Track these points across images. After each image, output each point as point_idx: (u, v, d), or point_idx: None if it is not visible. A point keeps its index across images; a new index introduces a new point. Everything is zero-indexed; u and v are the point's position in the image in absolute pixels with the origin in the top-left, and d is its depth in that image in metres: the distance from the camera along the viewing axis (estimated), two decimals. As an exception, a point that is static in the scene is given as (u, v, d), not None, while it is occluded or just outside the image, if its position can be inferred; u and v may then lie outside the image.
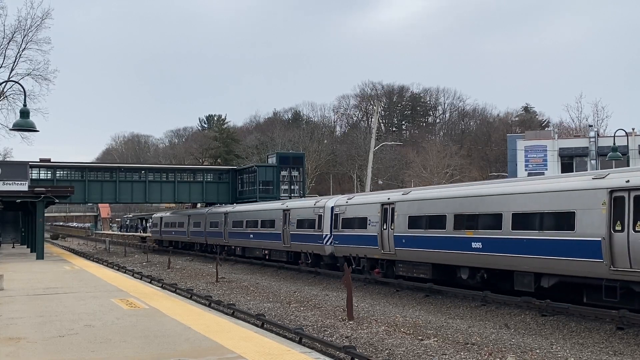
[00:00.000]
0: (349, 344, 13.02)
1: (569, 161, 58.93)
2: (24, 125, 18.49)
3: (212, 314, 14.49)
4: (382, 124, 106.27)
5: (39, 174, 53.74)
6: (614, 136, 34.20)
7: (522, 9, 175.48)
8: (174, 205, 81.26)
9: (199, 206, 64.74)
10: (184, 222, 56.36)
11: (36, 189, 39.92)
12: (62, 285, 21.06)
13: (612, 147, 31.26)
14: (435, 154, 78.64)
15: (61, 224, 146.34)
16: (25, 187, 39.69)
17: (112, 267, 35.16)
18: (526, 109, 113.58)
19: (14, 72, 52.29)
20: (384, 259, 25.69)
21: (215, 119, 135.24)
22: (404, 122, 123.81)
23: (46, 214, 49.91)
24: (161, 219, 65.06)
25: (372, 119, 73.07)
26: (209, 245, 50.67)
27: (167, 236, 62.67)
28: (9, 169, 40.62)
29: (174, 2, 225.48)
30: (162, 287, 24.28)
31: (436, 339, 14.26)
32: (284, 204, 37.56)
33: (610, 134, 52.21)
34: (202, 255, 50.15)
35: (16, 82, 33.83)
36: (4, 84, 43.67)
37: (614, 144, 31.76)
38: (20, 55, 52.42)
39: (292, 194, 57.65)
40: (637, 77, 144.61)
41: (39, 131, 19.57)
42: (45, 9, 76.11)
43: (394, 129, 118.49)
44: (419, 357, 12.49)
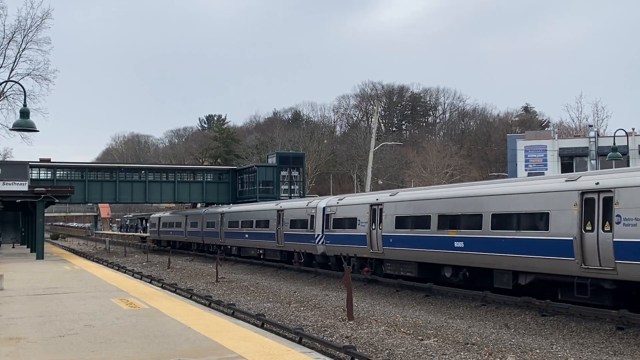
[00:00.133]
0: (349, 344, 13.02)
1: (569, 161, 58.91)
2: (24, 125, 18.50)
3: (212, 314, 14.49)
4: (382, 124, 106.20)
5: (39, 174, 53.75)
6: (614, 136, 34.21)
7: (522, 9, 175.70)
8: (174, 205, 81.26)
9: (199, 206, 64.78)
10: (182, 222, 56.70)
11: (36, 189, 39.92)
12: (62, 285, 21.06)
13: (612, 147, 31.26)
14: (435, 154, 78.64)
15: (61, 224, 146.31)
16: (25, 187, 39.69)
17: (112, 267, 35.16)
18: (526, 109, 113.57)
19: (14, 72, 52.36)
20: (373, 258, 26.42)
21: (215, 119, 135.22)
22: (404, 122, 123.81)
23: (46, 214, 49.93)
24: (159, 219, 65.39)
25: (372, 119, 73.08)
26: (205, 245, 51.18)
27: (165, 236, 63.06)
28: (9, 169, 40.62)
29: (174, 2, 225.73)
30: (162, 287, 24.28)
31: (436, 339, 14.26)
32: (277, 204, 38.25)
33: (610, 134, 52.22)
34: (202, 255, 50.19)
35: (16, 82, 33.88)
36: (4, 84, 43.69)
37: (614, 144, 31.77)
38: (20, 55, 52.49)
39: (292, 194, 57.63)
40: (637, 77, 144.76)
41: (39, 131, 19.59)
42: (45, 9, 76.18)
43: (394, 129, 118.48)
44: (419, 357, 12.49)
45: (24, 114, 18.58)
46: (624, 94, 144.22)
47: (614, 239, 15.56)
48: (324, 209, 30.85)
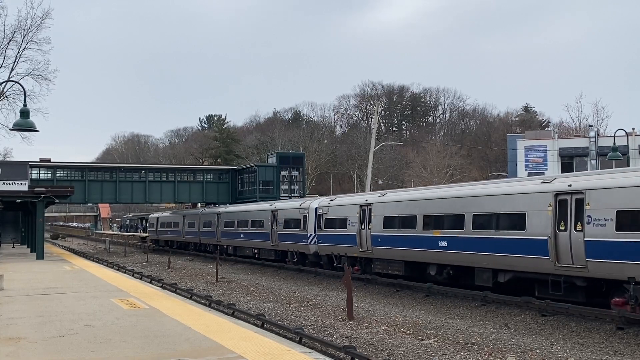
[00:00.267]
0: (349, 344, 13.02)
1: (569, 161, 58.89)
2: (24, 125, 18.49)
3: (212, 314, 14.49)
4: (382, 124, 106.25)
5: (39, 174, 53.80)
6: (614, 136, 34.20)
7: (522, 9, 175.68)
8: (174, 205, 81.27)
9: (199, 206, 64.81)
10: (179, 222, 57.13)
11: (36, 189, 39.93)
12: (62, 285, 21.06)
13: (612, 147, 31.25)
14: (435, 154, 78.64)
15: (61, 224, 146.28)
16: (25, 187, 39.70)
17: (112, 267, 35.16)
18: (526, 109, 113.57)
19: (14, 72, 52.38)
20: (362, 257, 27.26)
21: (215, 119, 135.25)
22: (404, 122, 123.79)
23: (46, 214, 49.91)
24: (157, 219, 65.86)
25: (372, 119, 73.09)
26: (203, 244, 51.75)
27: (163, 236, 63.54)
28: (9, 169, 40.62)
29: (174, 2, 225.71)
30: (162, 287, 24.28)
31: (436, 339, 14.25)
32: (272, 204, 38.97)
33: (610, 134, 52.19)
34: (201, 255, 50.26)
35: (16, 82, 33.86)
36: (4, 84, 43.69)
37: (614, 144, 31.76)
38: (20, 55, 52.50)
39: (292, 194, 57.62)
40: (637, 77, 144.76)
41: (39, 131, 19.59)
42: (45, 9, 76.18)
43: (394, 129, 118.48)
44: (419, 357, 12.49)
45: (24, 114, 18.58)
46: (624, 94, 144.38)
47: (585, 239, 16.23)
48: (316, 209, 31.51)
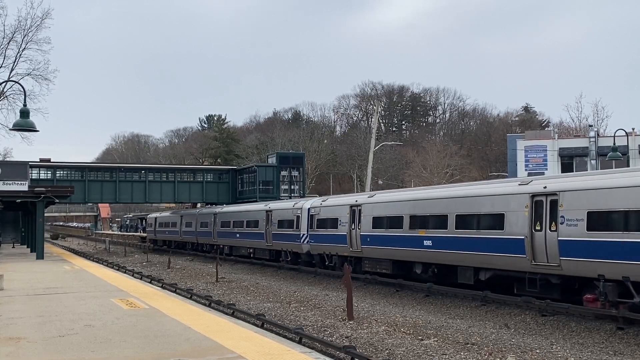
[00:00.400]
0: (349, 344, 13.02)
1: (569, 161, 58.87)
2: (24, 125, 18.48)
3: (212, 314, 14.49)
4: (382, 124, 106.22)
5: (39, 174, 53.79)
6: (614, 136, 34.19)
7: (522, 9, 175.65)
8: (174, 205, 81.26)
9: (198, 206, 64.83)
10: (177, 222, 57.56)
11: (36, 189, 39.91)
12: (62, 285, 21.06)
13: (612, 147, 31.24)
14: (435, 154, 78.63)
15: (61, 224, 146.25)
16: (25, 187, 39.70)
17: (112, 267, 35.16)
18: (526, 109, 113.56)
19: (14, 72, 52.37)
20: (353, 256, 27.87)
21: (215, 119, 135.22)
22: (404, 122, 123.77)
23: (46, 214, 49.91)
24: (155, 219, 66.34)
25: (372, 119, 73.08)
26: (200, 244, 52.19)
27: (161, 236, 64.02)
28: (9, 169, 40.62)
29: (174, 2, 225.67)
30: (162, 287, 24.27)
31: (436, 339, 14.25)
32: (266, 205, 39.59)
33: (610, 134, 52.19)
34: (202, 255, 50.30)
35: (16, 82, 33.85)
36: (4, 84, 43.67)
37: (614, 144, 31.75)
38: (20, 55, 52.49)
39: (292, 194, 57.60)
40: (637, 77, 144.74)
41: (39, 131, 19.58)
42: (45, 9, 76.20)
43: (394, 129, 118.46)
44: (419, 357, 12.49)
45: (24, 114, 18.57)
46: (624, 94, 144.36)
47: (559, 238, 16.94)
48: (308, 209, 32.16)
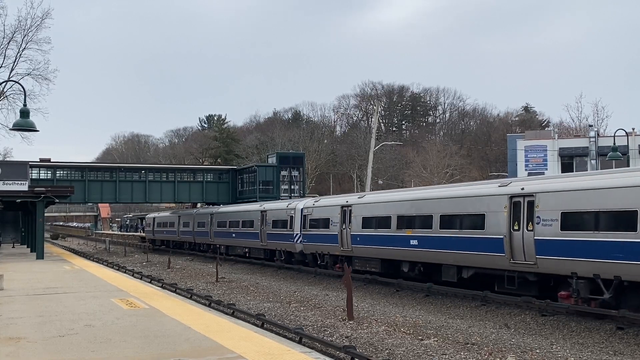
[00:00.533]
0: (349, 344, 13.01)
1: (569, 161, 58.86)
2: (24, 125, 18.48)
3: (212, 314, 14.48)
4: (382, 124, 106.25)
5: (39, 173, 53.75)
6: (614, 136, 34.19)
7: (522, 9, 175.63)
8: (174, 205, 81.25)
9: (198, 206, 64.86)
10: (175, 222, 57.97)
11: (36, 189, 39.90)
12: (62, 285, 21.06)
13: (612, 147, 31.25)
14: (435, 154, 78.63)
15: (61, 224, 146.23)
16: (25, 187, 39.68)
17: (112, 267, 35.15)
18: (526, 109, 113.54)
19: (14, 72, 52.34)
20: (343, 255, 28.69)
21: (215, 119, 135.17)
22: (404, 122, 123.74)
23: (46, 214, 49.90)
24: (154, 219, 66.82)
25: (372, 119, 73.07)
26: (197, 244, 52.69)
27: (159, 235, 64.52)
28: (9, 169, 40.60)
29: (174, 2, 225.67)
30: (162, 287, 24.27)
31: (436, 339, 14.25)
32: (261, 205, 40.28)
33: (610, 133, 52.17)
34: (201, 255, 50.35)
35: (16, 82, 33.86)
36: (4, 84, 43.66)
37: (614, 144, 31.75)
38: (20, 55, 52.47)
39: (292, 194, 57.58)
40: (637, 77, 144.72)
41: (39, 131, 19.57)
42: (45, 9, 76.22)
43: (394, 129, 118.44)
44: (419, 357, 12.48)
45: (24, 113, 18.57)
46: (624, 94, 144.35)
47: (535, 237, 17.69)
48: (301, 210, 32.90)
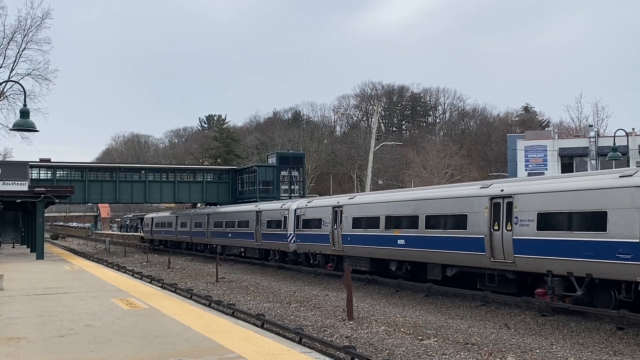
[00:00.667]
0: (349, 344, 13.02)
1: (569, 161, 58.83)
2: (24, 125, 18.47)
3: (212, 314, 14.48)
4: (382, 124, 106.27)
5: (39, 174, 53.74)
6: (614, 136, 34.19)
7: (522, 9, 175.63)
8: (174, 205, 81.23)
9: (198, 206, 64.87)
10: (172, 222, 58.37)
11: (36, 189, 39.90)
12: (62, 285, 21.06)
13: (612, 147, 31.25)
14: (435, 154, 78.63)
15: (61, 224, 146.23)
16: (25, 187, 39.67)
17: (112, 267, 35.15)
18: (526, 109, 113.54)
19: (14, 72, 52.37)
20: (335, 255, 29.52)
21: (215, 119, 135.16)
22: (404, 122, 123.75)
23: (46, 214, 49.88)
24: (152, 219, 67.29)
25: (372, 119, 73.07)
26: (194, 244, 53.27)
27: (157, 235, 64.96)
28: (9, 169, 40.59)
29: (174, 2, 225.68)
30: (162, 287, 24.27)
31: (436, 339, 14.25)
32: (256, 206, 40.90)
33: (610, 134, 52.17)
34: (201, 255, 50.36)
35: (16, 82, 33.81)
36: (4, 84, 43.69)
37: (614, 144, 31.75)
38: (20, 55, 52.49)
39: (292, 194, 57.56)
40: (637, 77, 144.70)
41: (39, 131, 19.55)
42: (45, 9, 76.37)
43: (394, 129, 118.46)
44: (419, 357, 12.48)
45: (24, 114, 18.56)
46: (624, 94, 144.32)
47: (513, 237, 18.45)
48: (295, 210, 33.55)
